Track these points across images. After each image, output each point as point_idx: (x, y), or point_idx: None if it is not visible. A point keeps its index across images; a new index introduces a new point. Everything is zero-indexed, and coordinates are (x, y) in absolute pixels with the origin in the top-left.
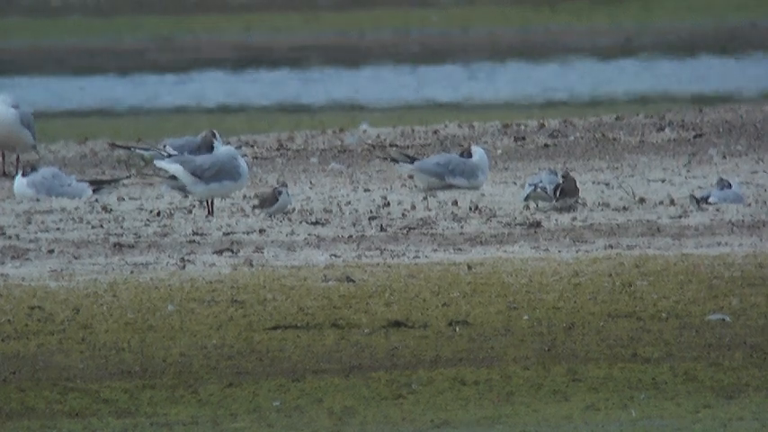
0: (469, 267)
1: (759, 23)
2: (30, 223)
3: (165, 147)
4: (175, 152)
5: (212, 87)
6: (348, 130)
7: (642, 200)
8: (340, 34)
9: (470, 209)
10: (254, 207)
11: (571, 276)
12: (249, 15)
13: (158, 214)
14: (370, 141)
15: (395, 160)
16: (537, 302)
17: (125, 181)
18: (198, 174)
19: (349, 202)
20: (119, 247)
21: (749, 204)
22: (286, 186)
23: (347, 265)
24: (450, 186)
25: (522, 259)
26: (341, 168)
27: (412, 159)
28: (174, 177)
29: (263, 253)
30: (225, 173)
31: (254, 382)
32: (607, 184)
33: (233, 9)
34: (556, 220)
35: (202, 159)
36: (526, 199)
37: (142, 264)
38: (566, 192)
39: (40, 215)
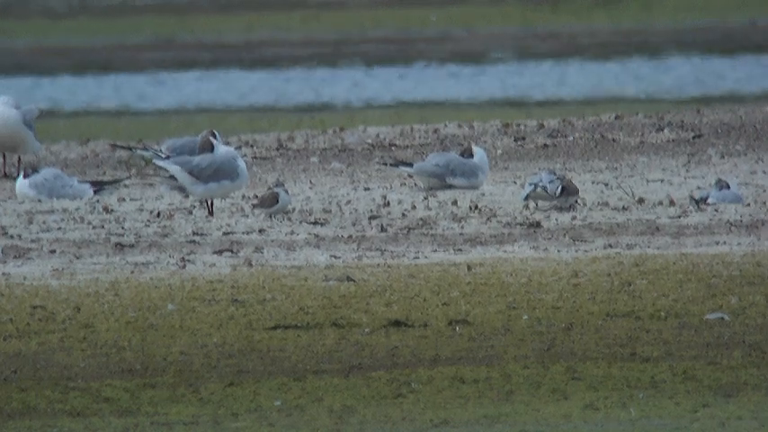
0: (469, 267)
1: (759, 22)
2: (31, 223)
3: (160, 149)
4: (172, 153)
5: (212, 87)
6: (348, 129)
7: (641, 200)
8: (340, 34)
9: (470, 209)
10: (253, 206)
11: (570, 276)
12: (249, 15)
13: (159, 215)
14: (370, 141)
15: (394, 165)
16: (536, 302)
17: (126, 182)
18: (195, 174)
19: (349, 202)
20: (120, 246)
21: (748, 204)
22: (284, 186)
23: (347, 265)
24: (450, 186)
25: (522, 259)
26: (341, 168)
27: (409, 163)
28: (173, 177)
29: (262, 253)
30: (223, 173)
31: (255, 382)
32: (606, 184)
33: (233, 9)
34: (555, 219)
35: (200, 160)
36: (526, 198)
37: (143, 263)
38: (567, 190)
39: (42, 215)
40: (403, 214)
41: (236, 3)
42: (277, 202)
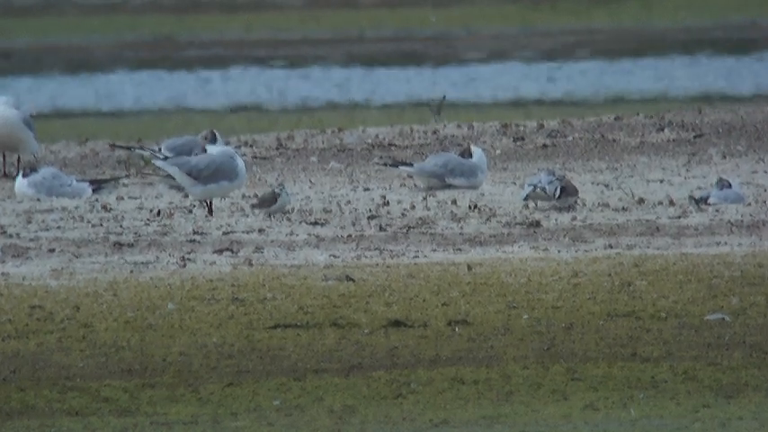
0: (469, 267)
1: (759, 21)
2: (30, 222)
3: (159, 149)
4: (171, 153)
5: (212, 87)
6: (348, 129)
7: (641, 200)
8: (340, 34)
9: (470, 208)
10: (252, 206)
11: (570, 276)
12: (249, 15)
13: (158, 213)
14: (369, 141)
15: (394, 165)
16: (536, 302)
17: (125, 180)
18: (194, 175)
19: (348, 202)
20: (119, 246)
21: (749, 204)
22: (284, 187)
23: (347, 265)
24: (450, 186)
25: (522, 259)
26: (340, 168)
27: (409, 164)
28: (172, 177)
29: (262, 252)
30: (222, 174)
31: (255, 381)
32: (606, 185)
33: (233, 9)
34: (555, 219)
35: (198, 160)
36: (526, 199)
37: (142, 263)
38: (567, 191)
39: (41, 214)
40: (402, 214)
41: (235, 2)
42: (277, 201)
